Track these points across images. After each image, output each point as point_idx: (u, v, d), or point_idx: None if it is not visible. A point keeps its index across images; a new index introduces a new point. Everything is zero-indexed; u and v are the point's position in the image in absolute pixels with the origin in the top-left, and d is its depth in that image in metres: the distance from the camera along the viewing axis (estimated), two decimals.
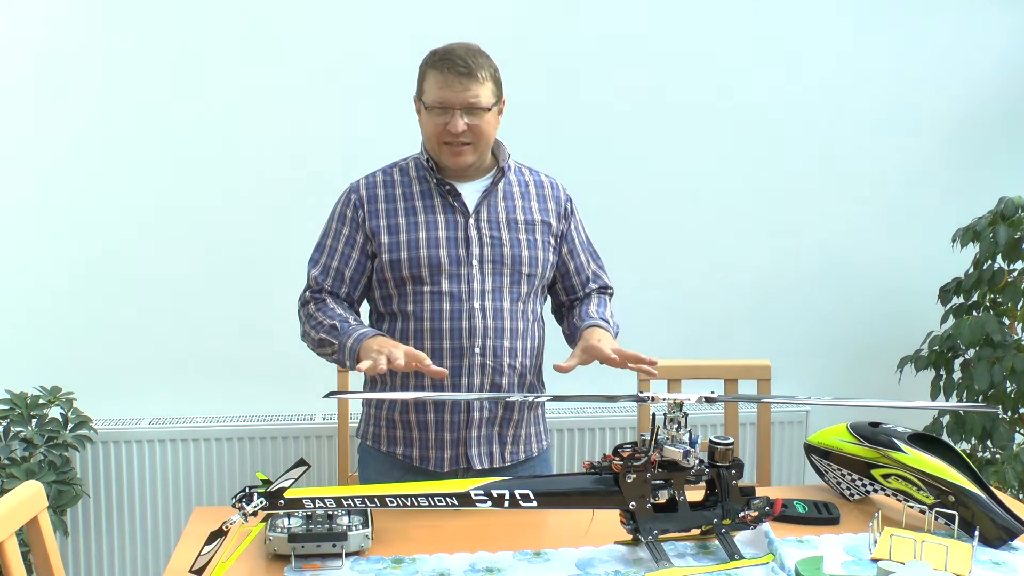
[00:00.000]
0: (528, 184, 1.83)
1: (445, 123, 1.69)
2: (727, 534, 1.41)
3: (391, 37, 2.60)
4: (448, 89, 1.67)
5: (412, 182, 1.78)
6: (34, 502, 1.39)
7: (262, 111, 2.58)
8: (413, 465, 1.77)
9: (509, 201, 1.79)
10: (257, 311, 2.64)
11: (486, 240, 1.74)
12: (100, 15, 2.48)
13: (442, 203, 1.76)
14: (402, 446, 1.78)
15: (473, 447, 1.76)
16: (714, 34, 2.78)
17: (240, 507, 1.25)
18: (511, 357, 1.76)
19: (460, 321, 1.72)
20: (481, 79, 1.68)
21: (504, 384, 1.76)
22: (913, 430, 1.62)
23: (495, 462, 1.78)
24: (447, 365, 1.72)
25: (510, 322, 1.75)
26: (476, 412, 1.74)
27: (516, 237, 1.76)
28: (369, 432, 1.84)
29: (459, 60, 1.67)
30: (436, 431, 1.75)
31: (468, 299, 1.72)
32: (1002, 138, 2.86)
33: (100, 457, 2.52)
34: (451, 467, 1.76)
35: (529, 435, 1.84)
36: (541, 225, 1.80)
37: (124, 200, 2.55)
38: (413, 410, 1.75)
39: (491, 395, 1.70)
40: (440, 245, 1.72)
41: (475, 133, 1.71)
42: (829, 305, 2.95)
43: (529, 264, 1.77)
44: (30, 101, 2.49)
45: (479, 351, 1.72)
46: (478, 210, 1.76)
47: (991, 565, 1.40)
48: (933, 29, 2.90)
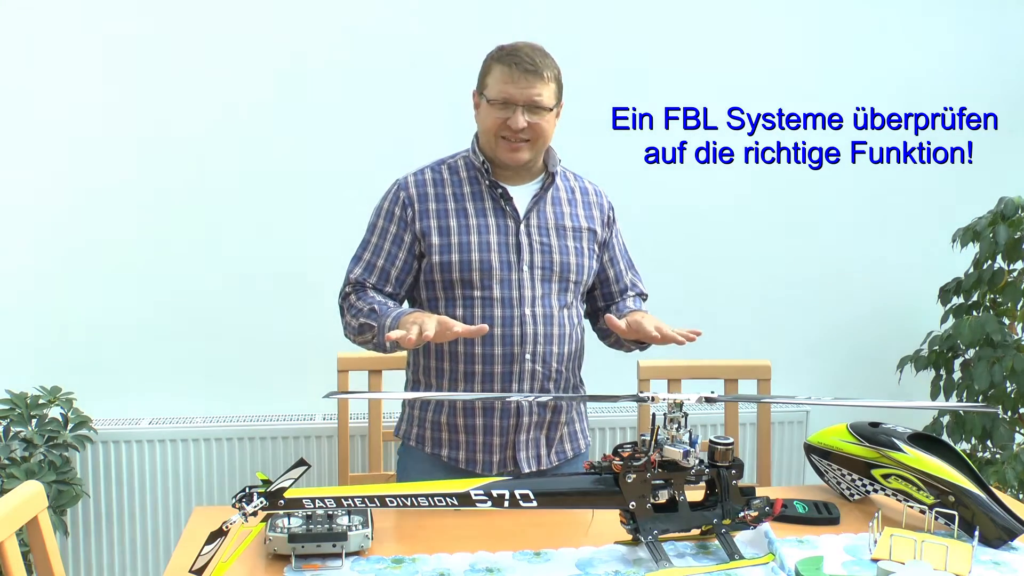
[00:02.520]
0: (575, 190, 1.84)
1: (506, 118, 1.69)
2: (727, 534, 1.41)
3: (383, 34, 2.60)
4: (513, 85, 1.68)
5: (463, 182, 1.77)
6: (34, 502, 1.39)
7: (264, 111, 2.58)
8: (458, 467, 1.77)
9: (558, 207, 1.79)
10: (257, 311, 2.64)
11: (536, 247, 1.75)
12: (106, 7, 2.48)
13: (493, 206, 1.75)
14: (448, 448, 1.77)
15: (521, 450, 1.76)
16: (713, 33, 2.78)
17: (240, 507, 1.25)
18: (559, 362, 1.76)
19: (511, 327, 1.71)
20: (546, 78, 1.69)
21: (552, 389, 1.77)
22: (913, 430, 1.62)
23: (542, 464, 1.79)
24: (497, 371, 1.72)
25: (558, 328, 1.75)
26: (525, 416, 1.75)
27: (565, 244, 1.77)
28: (412, 433, 1.83)
29: (526, 57, 1.68)
30: (485, 435, 1.75)
31: (519, 305, 1.72)
32: (1002, 138, 2.86)
33: (100, 457, 2.52)
34: (499, 470, 1.76)
35: (575, 433, 1.85)
36: (587, 232, 1.81)
37: (124, 200, 2.55)
38: (461, 414, 1.75)
39: (492, 395, 1.70)
40: (492, 250, 1.72)
41: (535, 131, 1.71)
42: (829, 305, 2.95)
43: (576, 271, 1.78)
44: (31, 100, 2.48)
45: (529, 357, 1.73)
46: (528, 216, 1.76)
47: (991, 565, 1.40)
48: (935, 29, 2.89)
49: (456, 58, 2.59)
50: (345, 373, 2.29)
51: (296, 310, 2.64)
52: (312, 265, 2.63)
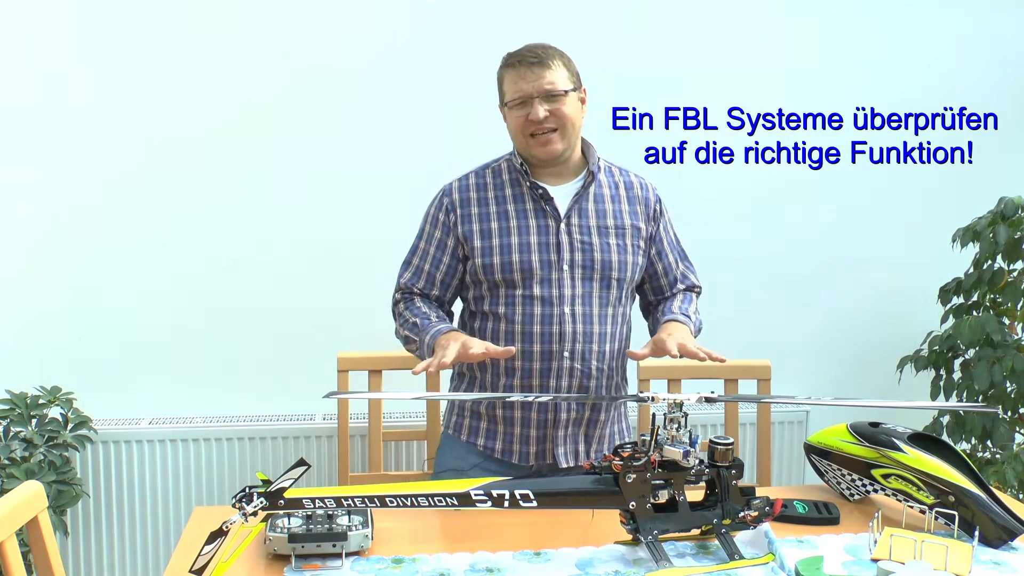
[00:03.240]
0: (619, 186, 1.85)
1: (526, 114, 1.72)
2: (727, 534, 1.41)
3: (401, 39, 2.60)
4: (523, 81, 1.72)
5: (505, 184, 1.80)
6: (34, 502, 1.39)
7: (265, 112, 2.58)
8: (495, 457, 1.80)
9: (600, 204, 1.80)
10: (258, 311, 2.64)
11: (576, 246, 1.76)
12: (108, 9, 2.48)
13: (534, 207, 1.78)
14: (484, 437, 1.81)
15: (560, 445, 1.78)
16: (713, 33, 2.78)
17: (240, 507, 1.25)
18: (599, 360, 1.77)
19: (550, 326, 1.74)
20: (553, 66, 1.73)
21: (592, 387, 1.78)
22: (913, 430, 1.62)
23: (580, 460, 1.80)
24: (536, 368, 1.75)
25: (599, 326, 1.77)
26: (563, 413, 1.77)
27: (607, 242, 1.78)
28: (452, 421, 1.87)
29: (528, 52, 1.73)
30: (522, 427, 1.78)
31: (559, 304, 1.74)
32: (1002, 138, 2.86)
33: (100, 457, 2.52)
34: (536, 461, 1.78)
35: (614, 433, 1.87)
36: (631, 229, 1.82)
37: (124, 200, 2.55)
38: (500, 404, 1.78)
39: (495, 395, 1.72)
40: (532, 251, 1.75)
41: (558, 117, 1.73)
42: (829, 305, 2.95)
43: (619, 269, 1.79)
44: (30, 100, 2.48)
45: (568, 355, 1.74)
46: (569, 215, 1.77)
47: (991, 565, 1.40)
48: (934, 29, 2.89)
49: (455, 60, 2.60)
50: (345, 373, 2.29)
51: (296, 310, 2.64)
52: (312, 265, 2.63)
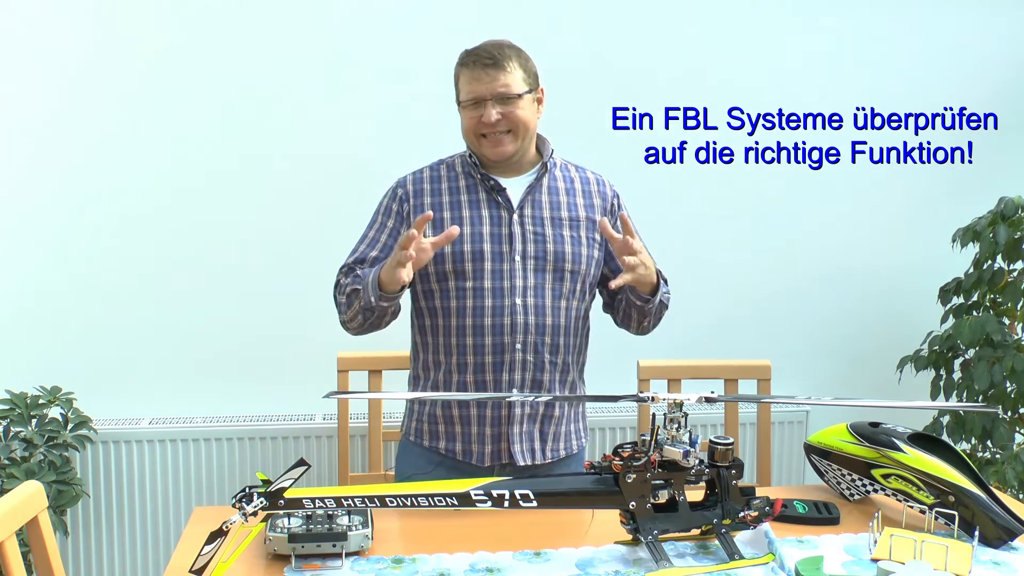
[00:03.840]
0: (574, 181, 1.85)
1: (479, 116, 1.72)
2: (727, 534, 1.40)
3: (400, 34, 2.60)
4: (477, 82, 1.71)
5: (458, 177, 1.80)
6: (34, 502, 1.39)
7: (262, 112, 2.58)
8: (456, 460, 1.79)
9: (554, 196, 1.80)
10: (257, 311, 2.64)
11: (529, 236, 1.76)
12: (104, 15, 2.48)
13: (487, 198, 1.77)
14: (444, 440, 1.80)
15: (516, 443, 1.77)
16: (713, 33, 2.78)
17: (240, 507, 1.25)
18: (552, 353, 1.77)
19: (501, 317, 1.73)
20: (508, 68, 1.71)
21: (545, 380, 1.77)
22: (913, 430, 1.62)
23: (537, 458, 1.79)
24: (488, 361, 1.74)
25: (551, 318, 1.76)
26: (517, 408, 1.76)
27: (560, 234, 1.77)
28: (411, 428, 1.85)
29: (484, 53, 1.71)
30: (478, 425, 1.77)
31: (510, 295, 1.73)
32: (1002, 138, 2.86)
33: (100, 457, 2.52)
34: (492, 461, 1.77)
35: (570, 432, 1.85)
36: (586, 222, 1.81)
37: (124, 200, 2.55)
38: (455, 404, 1.77)
39: (492, 395, 1.71)
40: (483, 240, 1.74)
41: (511, 121, 1.73)
42: (829, 305, 2.95)
43: (572, 261, 1.78)
44: (29, 101, 2.48)
45: (520, 347, 1.74)
46: (522, 206, 1.77)
47: (991, 565, 1.40)
48: (934, 29, 2.89)
49: (450, 55, 2.60)
50: (345, 373, 2.29)
51: (296, 310, 2.64)
52: (312, 265, 2.62)
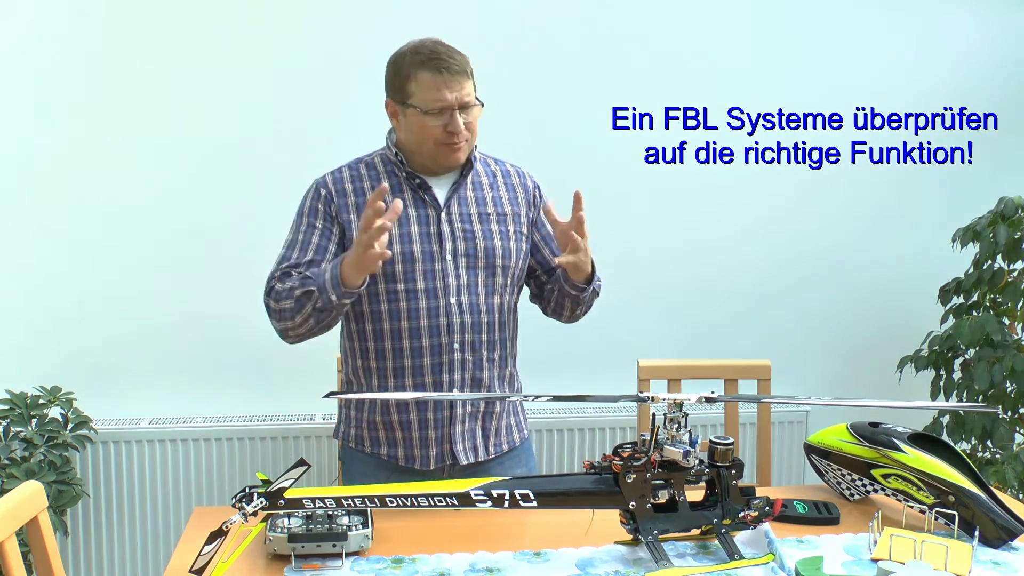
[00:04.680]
0: (496, 175, 1.82)
1: (444, 124, 1.66)
2: (727, 534, 1.41)
3: None
4: (447, 89, 1.64)
5: (381, 176, 1.75)
6: (34, 502, 1.39)
7: (263, 111, 2.58)
8: (399, 465, 1.76)
9: (479, 192, 1.77)
10: (257, 311, 2.61)
11: (459, 234, 1.73)
12: (97, 13, 2.48)
13: (413, 197, 1.73)
14: (386, 446, 1.76)
15: (458, 442, 1.75)
16: (713, 33, 2.78)
17: (240, 507, 1.25)
18: (489, 351, 1.75)
19: (437, 318, 1.70)
20: (469, 73, 1.67)
21: (484, 378, 1.75)
22: (913, 430, 1.62)
23: (480, 455, 1.78)
24: (426, 363, 1.71)
25: (487, 315, 1.74)
26: (459, 408, 1.74)
27: (488, 229, 1.75)
28: (351, 434, 1.81)
29: (449, 58, 1.65)
30: (420, 430, 1.74)
31: (444, 295, 1.71)
32: (1002, 138, 2.86)
33: (100, 457, 2.52)
34: (437, 464, 1.75)
35: (511, 426, 1.84)
36: (513, 215, 1.79)
37: (123, 200, 2.55)
38: (395, 410, 1.74)
39: (489, 395, 1.70)
40: (413, 241, 1.70)
41: (470, 130, 1.70)
42: (829, 305, 2.95)
43: (503, 256, 1.75)
44: (27, 101, 2.48)
45: (458, 347, 1.72)
46: (449, 203, 1.74)
47: (991, 565, 1.40)
48: (934, 28, 2.89)
49: None
50: None
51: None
52: None
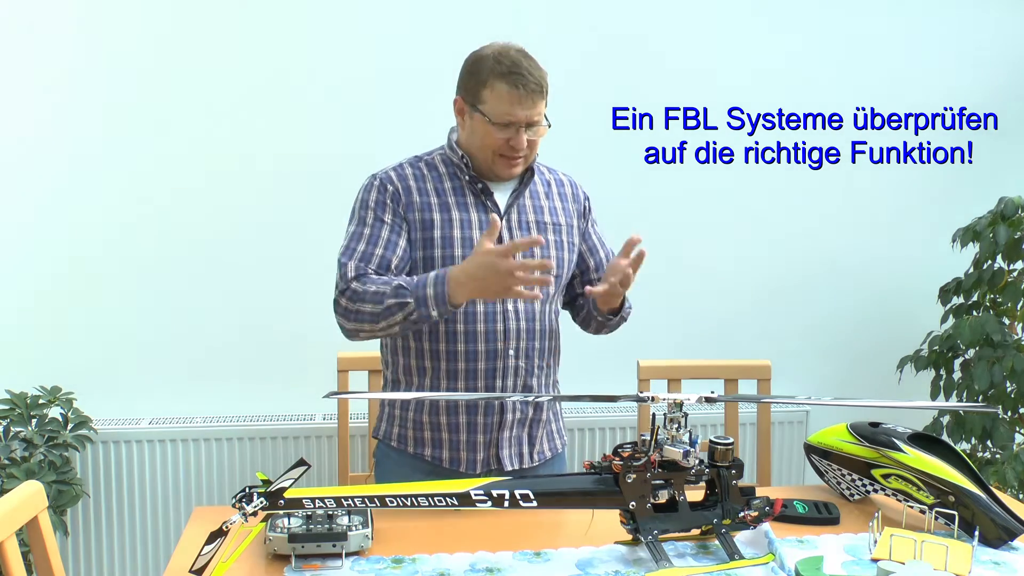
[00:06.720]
0: (551, 184, 1.83)
1: (508, 138, 1.66)
2: (727, 534, 1.40)
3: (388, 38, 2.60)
4: (520, 106, 1.63)
5: (443, 177, 1.73)
6: (34, 502, 1.39)
7: (263, 110, 2.58)
8: (442, 467, 1.74)
9: (537, 201, 1.78)
10: (257, 311, 2.64)
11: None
12: (101, 13, 2.48)
13: (475, 202, 1.72)
14: (431, 448, 1.74)
15: (504, 448, 1.74)
16: (713, 33, 2.78)
17: (240, 507, 1.25)
18: (541, 358, 1.76)
19: (495, 323, 1.70)
20: (544, 92, 1.66)
21: (535, 385, 1.76)
22: (913, 430, 1.61)
23: (524, 463, 1.77)
24: (481, 368, 1.70)
25: (540, 323, 1.74)
26: (509, 414, 1.73)
27: (546, 239, 1.75)
28: (393, 433, 1.78)
29: (530, 76, 1.63)
30: (469, 433, 1.72)
31: (502, 301, 1.70)
32: (1002, 138, 2.86)
33: (100, 457, 2.52)
34: (483, 468, 1.73)
35: (552, 432, 1.84)
36: (567, 226, 1.80)
37: (124, 200, 2.55)
38: (444, 412, 1.72)
39: (488, 395, 1.69)
40: (475, 245, 1.67)
41: (532, 148, 1.70)
42: (829, 305, 2.95)
43: (557, 266, 1.76)
44: (29, 102, 2.48)
45: (513, 353, 1.71)
46: (509, 211, 1.74)
47: (991, 565, 1.40)
48: (933, 29, 2.90)
49: (455, 56, 2.60)
50: (345, 373, 2.28)
51: (296, 310, 2.64)
52: (312, 265, 2.62)
